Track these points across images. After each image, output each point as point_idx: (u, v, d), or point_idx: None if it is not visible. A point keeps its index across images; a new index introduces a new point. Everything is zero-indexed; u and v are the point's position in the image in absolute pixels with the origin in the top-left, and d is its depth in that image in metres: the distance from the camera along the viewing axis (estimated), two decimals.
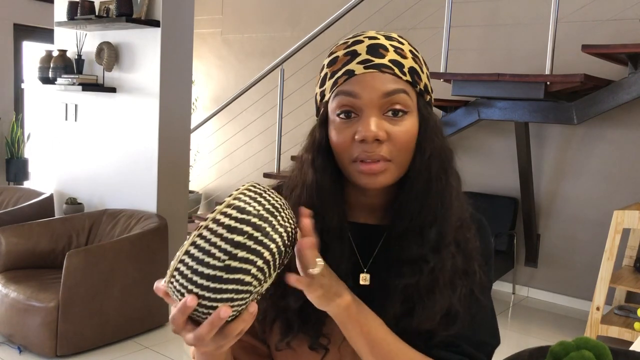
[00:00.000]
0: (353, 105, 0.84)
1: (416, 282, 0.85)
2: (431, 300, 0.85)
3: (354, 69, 0.84)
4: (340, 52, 0.87)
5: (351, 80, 0.84)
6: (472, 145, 4.64)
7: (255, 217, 0.69)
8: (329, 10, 4.84)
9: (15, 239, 3.26)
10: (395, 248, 0.87)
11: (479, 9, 4.58)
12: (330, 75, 0.87)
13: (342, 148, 0.85)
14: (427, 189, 0.86)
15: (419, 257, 0.85)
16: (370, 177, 0.84)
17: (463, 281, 0.87)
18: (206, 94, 6.38)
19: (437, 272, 0.85)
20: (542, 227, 4.42)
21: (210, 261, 0.67)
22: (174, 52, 3.63)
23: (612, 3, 4.00)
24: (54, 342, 2.91)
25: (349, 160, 0.85)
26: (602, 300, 3.36)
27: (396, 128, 0.83)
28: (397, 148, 0.84)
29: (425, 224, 0.86)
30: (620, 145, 4.10)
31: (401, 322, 0.86)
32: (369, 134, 0.81)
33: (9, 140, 5.87)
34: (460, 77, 3.74)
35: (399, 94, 0.83)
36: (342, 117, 0.84)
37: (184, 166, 3.84)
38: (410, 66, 0.86)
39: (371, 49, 0.85)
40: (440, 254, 0.86)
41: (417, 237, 0.86)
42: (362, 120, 0.83)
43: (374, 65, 0.83)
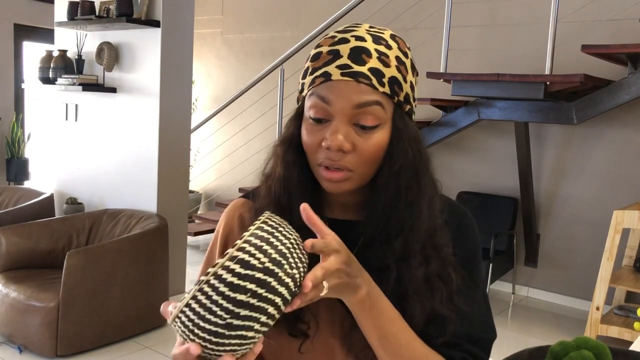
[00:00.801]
0: (324, 111, 0.83)
1: (384, 291, 0.84)
2: (405, 309, 0.85)
3: (332, 72, 0.82)
4: (325, 48, 0.85)
5: (326, 85, 0.83)
6: (472, 145, 4.64)
7: (260, 272, 0.66)
8: (329, 10, 4.84)
9: (15, 239, 3.26)
10: (365, 254, 0.86)
11: (479, 9, 4.58)
12: (311, 71, 0.86)
13: (309, 150, 0.86)
14: (395, 201, 0.86)
15: (383, 266, 0.86)
16: (330, 183, 0.85)
17: (440, 284, 0.87)
18: (206, 94, 6.38)
19: (405, 281, 0.85)
20: (542, 227, 4.42)
21: (212, 318, 0.65)
22: (174, 52, 3.63)
23: (612, 3, 4.00)
24: (54, 342, 2.91)
25: (315, 163, 0.86)
26: (602, 300, 3.36)
27: (363, 141, 0.83)
28: (362, 160, 0.84)
29: (391, 235, 0.86)
30: (620, 145, 4.10)
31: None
32: (333, 143, 0.81)
33: (9, 140, 5.88)
34: (460, 77, 3.74)
35: (372, 105, 0.82)
36: (313, 120, 0.85)
37: (184, 166, 3.84)
38: (391, 76, 0.84)
39: (354, 52, 0.83)
40: (408, 262, 0.86)
41: (381, 247, 0.86)
42: (330, 128, 0.83)
43: (352, 73, 0.82)
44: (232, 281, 0.65)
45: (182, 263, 3.90)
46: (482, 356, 0.91)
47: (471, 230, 0.96)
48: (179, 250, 3.83)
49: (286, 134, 0.91)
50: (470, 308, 0.89)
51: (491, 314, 0.96)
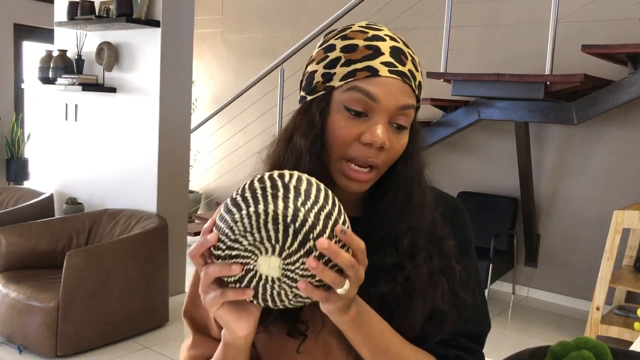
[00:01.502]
0: (367, 107, 0.82)
1: (391, 290, 0.85)
2: (409, 308, 0.85)
3: (379, 68, 0.81)
4: (360, 41, 0.83)
5: (373, 81, 0.81)
6: (472, 145, 4.64)
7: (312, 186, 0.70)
8: (329, 10, 4.84)
9: (15, 239, 3.26)
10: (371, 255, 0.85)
11: (479, 9, 4.58)
12: (346, 63, 0.82)
13: (341, 144, 0.83)
14: (408, 200, 0.87)
15: (394, 264, 0.86)
16: (352, 182, 0.84)
17: (443, 279, 0.88)
18: (206, 94, 6.38)
19: (413, 278, 0.86)
20: (542, 227, 4.42)
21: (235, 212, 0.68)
22: (174, 52, 3.63)
23: (612, 3, 4.00)
24: (54, 342, 2.91)
25: (339, 157, 0.84)
26: (602, 300, 3.36)
27: (396, 139, 0.84)
28: (390, 159, 0.85)
29: (400, 232, 0.86)
30: (620, 145, 4.10)
31: None
32: (378, 140, 0.81)
33: (9, 140, 5.88)
34: (460, 77, 3.74)
35: (410, 109, 0.84)
36: (351, 113, 0.82)
37: (184, 166, 3.84)
38: (419, 81, 0.86)
39: (394, 52, 0.83)
40: (415, 260, 0.86)
41: (392, 245, 0.86)
42: (372, 124, 0.82)
43: (399, 72, 0.82)
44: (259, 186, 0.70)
45: (182, 263, 3.90)
46: (476, 349, 0.92)
47: (464, 220, 0.97)
48: (179, 250, 3.83)
49: (308, 125, 0.86)
50: (468, 299, 0.90)
51: (486, 305, 0.97)
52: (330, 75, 0.84)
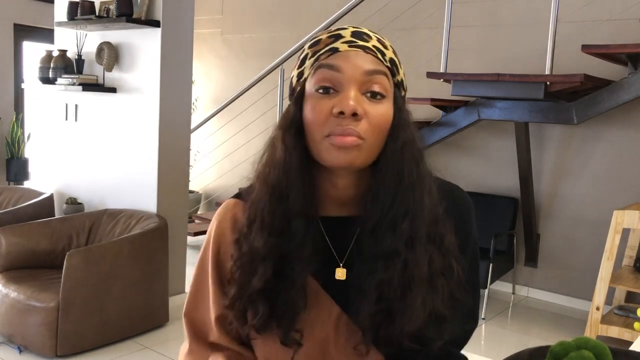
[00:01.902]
0: (333, 80, 0.84)
1: (390, 279, 0.84)
2: (408, 298, 0.84)
3: (339, 47, 0.86)
4: (324, 36, 0.89)
5: (334, 56, 0.85)
6: (472, 145, 4.64)
7: None
8: (329, 10, 4.84)
9: (15, 239, 3.26)
10: (369, 242, 0.86)
11: (479, 9, 4.58)
12: (312, 55, 0.88)
13: (317, 123, 0.85)
14: (399, 179, 0.86)
15: (392, 250, 0.85)
16: (341, 151, 0.83)
17: (443, 281, 0.87)
18: (206, 94, 6.38)
19: (412, 267, 0.85)
20: (542, 227, 4.42)
21: None
22: (174, 52, 3.63)
23: (612, 3, 4.00)
24: (54, 342, 2.91)
25: (321, 136, 0.84)
26: (602, 300, 3.36)
27: (373, 108, 0.84)
28: (372, 128, 0.84)
29: (398, 215, 0.85)
30: (620, 145, 4.10)
31: (383, 325, 0.85)
32: (347, 107, 0.82)
33: (9, 140, 5.88)
34: (460, 77, 3.74)
35: (380, 75, 0.85)
36: (320, 92, 0.85)
37: (184, 166, 3.84)
38: (390, 57, 0.88)
39: (356, 34, 0.88)
40: (414, 248, 0.85)
41: (390, 230, 0.85)
42: (341, 95, 0.84)
43: (359, 46, 0.85)
44: None
45: (182, 263, 3.90)
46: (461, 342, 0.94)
47: (470, 214, 0.97)
48: (179, 250, 3.83)
49: (285, 119, 0.90)
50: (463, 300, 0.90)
51: (478, 303, 0.98)
52: (302, 72, 0.89)
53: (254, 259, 0.88)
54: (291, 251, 0.87)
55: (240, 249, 0.91)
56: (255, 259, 0.88)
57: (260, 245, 0.87)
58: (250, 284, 0.87)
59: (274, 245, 0.87)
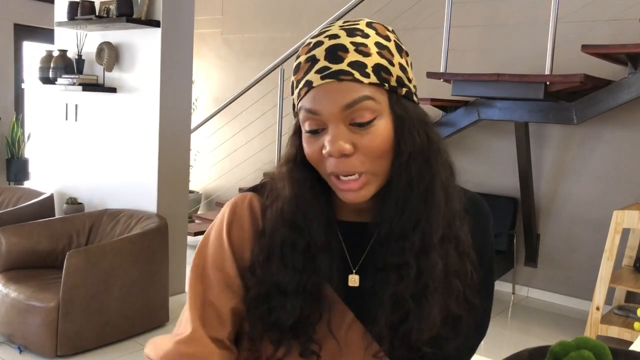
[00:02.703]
0: (317, 121, 0.81)
1: (403, 289, 0.82)
2: (424, 308, 0.82)
3: (312, 79, 0.80)
4: (303, 57, 0.83)
5: (310, 94, 0.81)
6: (472, 145, 4.64)
7: None
8: (329, 10, 4.84)
9: (15, 239, 3.26)
10: (381, 251, 0.85)
11: (479, 9, 4.58)
12: (296, 84, 0.85)
13: (315, 162, 0.84)
14: (407, 192, 0.83)
15: (403, 262, 0.83)
16: (349, 193, 0.82)
17: (457, 281, 0.85)
18: (206, 94, 6.38)
19: (426, 277, 0.82)
20: (542, 227, 4.42)
21: None
22: (174, 52, 3.63)
23: (612, 3, 4.00)
24: (54, 342, 2.91)
25: (325, 175, 0.84)
26: (602, 300, 3.36)
27: (364, 137, 0.80)
28: (369, 158, 0.80)
29: (407, 228, 0.83)
30: (620, 145, 4.10)
31: (400, 331, 0.84)
32: (333, 149, 0.79)
33: (9, 140, 5.88)
34: (460, 77, 3.74)
35: (362, 102, 0.79)
36: (309, 132, 0.83)
37: (184, 166, 3.84)
38: (374, 64, 0.80)
39: (329, 52, 0.80)
40: (428, 257, 0.83)
41: (399, 243, 0.83)
42: (327, 135, 0.81)
43: (331, 74, 0.79)
44: None
45: (182, 263, 3.90)
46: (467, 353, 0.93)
47: (489, 224, 0.95)
48: (179, 250, 3.83)
49: (288, 153, 0.89)
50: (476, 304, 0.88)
51: (490, 314, 0.95)
52: (294, 101, 0.87)
53: (276, 293, 0.85)
54: (318, 282, 0.86)
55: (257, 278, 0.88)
56: (278, 293, 0.86)
57: (286, 282, 0.85)
58: (275, 316, 0.85)
59: (301, 281, 0.85)
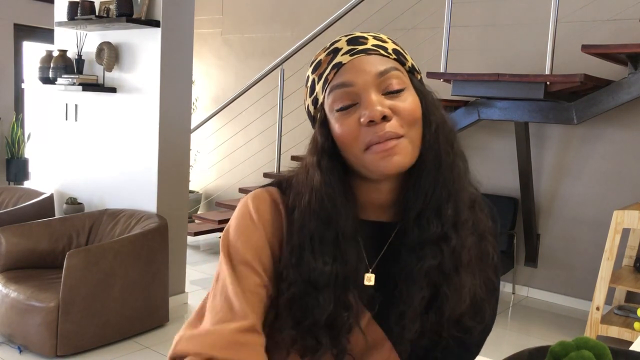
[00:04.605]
0: (350, 95, 0.83)
1: (439, 264, 0.83)
2: (458, 281, 0.84)
3: (341, 60, 0.85)
4: (322, 55, 0.88)
5: (341, 71, 0.84)
6: (472, 145, 4.64)
7: None
8: (328, 10, 4.84)
9: (15, 239, 3.26)
10: (413, 232, 0.85)
11: (479, 9, 4.58)
12: (319, 79, 0.87)
13: (350, 138, 0.83)
14: (438, 163, 0.86)
15: (440, 235, 0.84)
16: (386, 158, 0.81)
17: (481, 265, 0.88)
18: (206, 94, 6.38)
19: (460, 250, 0.84)
20: (542, 227, 4.42)
21: None
22: (174, 52, 3.63)
23: (612, 3, 4.00)
24: (54, 342, 2.91)
25: (360, 150, 0.83)
26: (602, 300, 3.36)
27: (399, 103, 0.83)
28: (406, 121, 0.83)
29: (441, 200, 0.85)
30: (620, 145, 4.10)
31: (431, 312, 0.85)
32: (374, 112, 0.81)
33: (9, 140, 5.88)
34: (460, 77, 3.74)
35: (392, 71, 0.84)
36: (342, 111, 0.84)
37: (184, 166, 3.84)
38: (393, 48, 0.87)
39: (351, 41, 0.86)
40: (459, 232, 0.85)
41: (435, 216, 0.85)
42: (363, 104, 0.82)
43: (359, 51, 0.85)
44: None
45: (182, 263, 3.90)
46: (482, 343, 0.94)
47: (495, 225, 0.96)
48: (179, 250, 3.83)
49: (315, 146, 0.88)
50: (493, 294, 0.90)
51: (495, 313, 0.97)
52: (316, 98, 0.88)
53: (309, 290, 0.84)
54: (348, 274, 0.85)
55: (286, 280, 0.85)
56: (311, 289, 0.84)
57: (318, 274, 0.83)
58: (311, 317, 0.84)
59: (332, 273, 0.84)
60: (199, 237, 5.45)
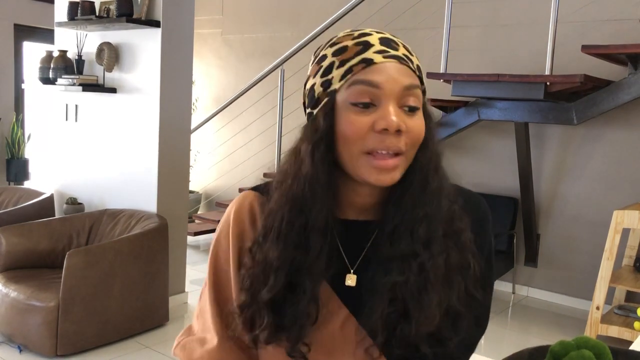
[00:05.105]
0: (371, 95, 0.82)
1: (405, 281, 0.83)
2: (424, 300, 0.83)
3: (372, 57, 0.82)
4: (349, 42, 0.85)
5: (371, 69, 0.82)
6: (472, 146, 4.64)
7: None
8: (329, 10, 4.84)
9: (15, 239, 3.26)
10: (385, 245, 0.85)
11: (479, 9, 4.58)
12: (340, 64, 0.83)
13: (357, 137, 0.82)
14: (424, 186, 0.85)
15: (409, 253, 0.84)
16: (382, 173, 0.82)
17: (459, 277, 0.86)
18: (206, 94, 6.38)
19: (428, 268, 0.84)
20: (542, 227, 4.43)
21: None
22: (174, 52, 3.63)
23: (612, 3, 4.00)
24: (54, 342, 2.91)
25: (359, 152, 0.82)
26: (602, 299, 3.36)
27: (412, 121, 0.83)
28: (412, 142, 0.83)
29: (417, 220, 0.85)
30: (620, 145, 4.10)
31: (399, 327, 0.84)
32: (392, 123, 0.80)
33: (9, 141, 5.88)
34: (460, 78, 3.74)
35: (415, 89, 0.84)
36: (359, 107, 0.82)
37: (184, 166, 3.84)
38: (417, 64, 0.87)
39: (384, 41, 0.85)
40: (430, 249, 0.84)
41: (407, 233, 0.84)
42: (382, 111, 0.81)
43: (393, 56, 0.83)
44: None
45: (182, 263, 3.90)
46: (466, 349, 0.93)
47: (487, 222, 0.95)
48: (179, 250, 3.83)
49: (314, 131, 0.85)
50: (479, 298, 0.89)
51: (489, 310, 0.96)
52: (329, 81, 0.84)
53: (266, 269, 0.86)
54: (306, 263, 0.85)
55: (253, 258, 0.89)
56: (267, 269, 0.86)
57: (275, 257, 0.85)
58: (260, 294, 0.86)
59: (288, 257, 0.85)
60: (199, 237, 5.45)
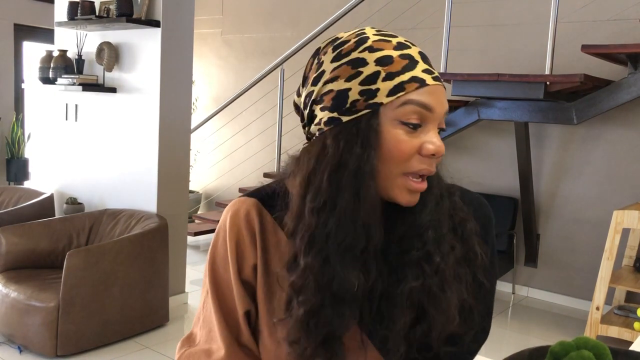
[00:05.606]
0: (422, 117, 0.81)
1: (422, 285, 0.82)
2: (443, 301, 0.82)
3: (424, 78, 0.81)
4: (392, 51, 0.81)
5: (425, 91, 0.80)
6: (472, 145, 4.64)
7: None
8: (328, 10, 4.84)
9: (15, 239, 3.26)
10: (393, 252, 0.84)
11: (479, 9, 4.58)
12: (388, 76, 0.79)
13: (404, 157, 0.80)
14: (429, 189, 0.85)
15: (421, 257, 0.83)
16: (413, 194, 0.82)
17: (466, 268, 0.86)
18: (206, 94, 6.38)
19: (443, 268, 0.83)
20: (542, 227, 4.43)
21: None
22: (174, 52, 3.63)
23: (612, 3, 4.00)
24: (54, 342, 2.91)
25: (400, 172, 0.81)
26: (602, 300, 3.36)
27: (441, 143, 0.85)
28: (437, 161, 0.85)
29: (424, 223, 0.85)
30: (620, 145, 4.10)
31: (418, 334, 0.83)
32: (441, 149, 0.82)
33: (9, 140, 5.88)
34: (460, 77, 3.74)
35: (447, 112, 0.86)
36: (410, 127, 0.80)
37: (184, 166, 3.84)
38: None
39: (424, 57, 0.84)
40: (441, 249, 0.84)
41: (416, 238, 0.84)
42: (428, 134, 0.82)
43: (437, 78, 0.83)
44: None
45: (182, 263, 3.90)
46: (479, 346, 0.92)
47: (491, 224, 0.95)
48: (179, 250, 3.83)
49: (365, 145, 0.80)
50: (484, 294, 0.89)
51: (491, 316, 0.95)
52: (373, 92, 0.79)
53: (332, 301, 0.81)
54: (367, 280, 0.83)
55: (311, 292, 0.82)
56: (336, 300, 0.81)
57: (344, 286, 0.80)
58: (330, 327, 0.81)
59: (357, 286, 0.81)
60: (199, 237, 5.45)
